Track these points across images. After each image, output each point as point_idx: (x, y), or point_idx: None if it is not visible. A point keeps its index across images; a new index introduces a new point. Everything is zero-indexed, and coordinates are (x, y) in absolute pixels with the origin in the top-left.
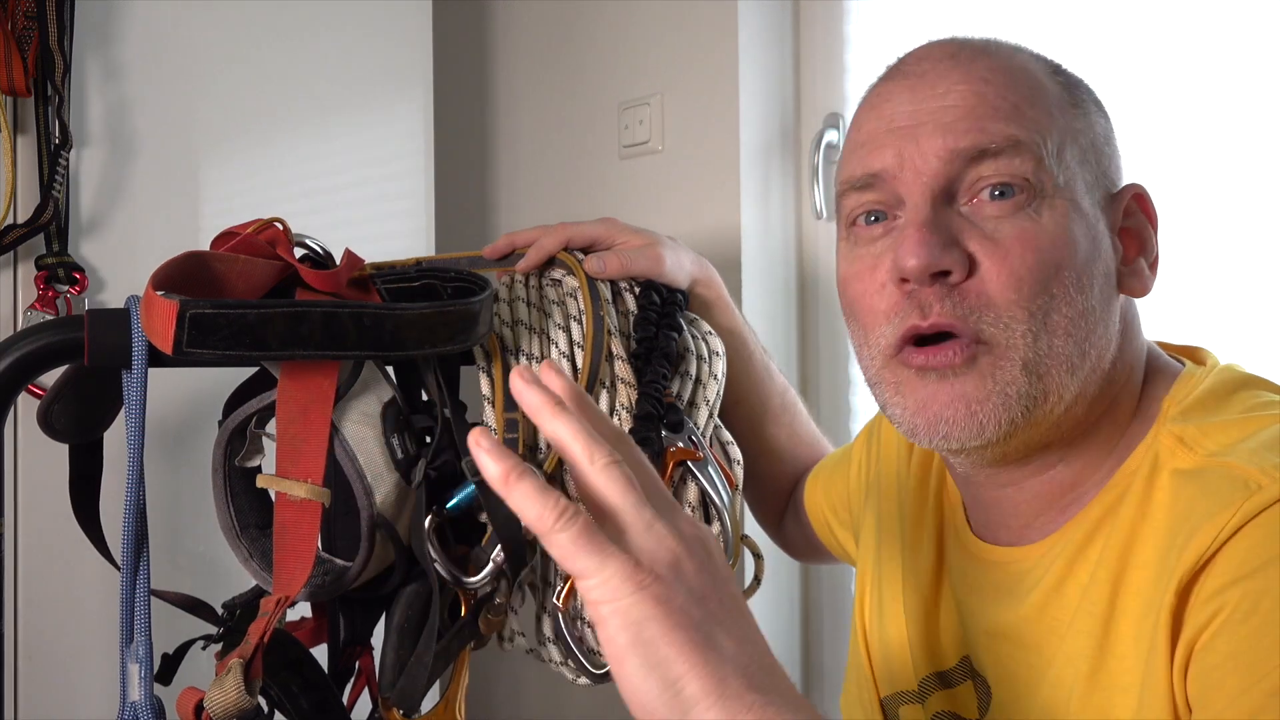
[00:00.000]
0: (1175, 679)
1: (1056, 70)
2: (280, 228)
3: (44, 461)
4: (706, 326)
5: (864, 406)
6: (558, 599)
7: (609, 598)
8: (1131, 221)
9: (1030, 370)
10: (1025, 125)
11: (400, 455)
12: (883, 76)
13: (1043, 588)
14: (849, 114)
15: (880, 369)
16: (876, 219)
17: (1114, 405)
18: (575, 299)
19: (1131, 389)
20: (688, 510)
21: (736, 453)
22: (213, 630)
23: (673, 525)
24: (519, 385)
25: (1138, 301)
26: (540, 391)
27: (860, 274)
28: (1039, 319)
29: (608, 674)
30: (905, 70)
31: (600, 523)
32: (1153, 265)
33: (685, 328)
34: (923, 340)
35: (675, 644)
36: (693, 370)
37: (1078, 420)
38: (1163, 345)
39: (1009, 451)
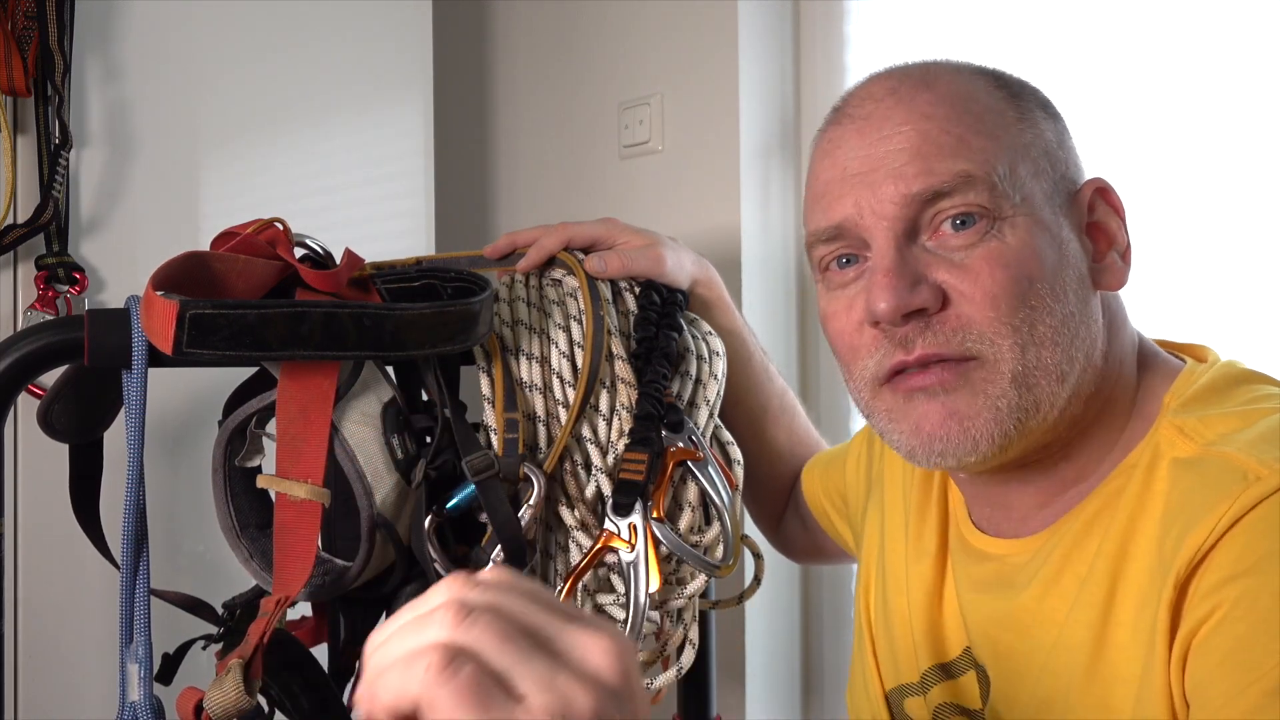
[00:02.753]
0: (1173, 673)
1: (1000, 83)
2: (280, 228)
3: (44, 461)
4: (706, 326)
5: None
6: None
7: None
8: (1096, 216)
9: (1019, 383)
10: (973, 157)
11: (400, 455)
12: (831, 120)
13: (1040, 579)
14: None
15: (871, 399)
16: (848, 261)
17: (1111, 398)
18: (575, 299)
19: (1126, 380)
20: (688, 511)
21: (737, 453)
22: (213, 630)
23: (579, 670)
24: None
25: (1126, 292)
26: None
27: (837, 313)
28: (1024, 332)
29: None
30: (851, 114)
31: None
32: (1124, 255)
33: (685, 328)
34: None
35: None
36: (693, 370)
37: (1076, 418)
38: (1166, 343)
39: (1007, 461)
